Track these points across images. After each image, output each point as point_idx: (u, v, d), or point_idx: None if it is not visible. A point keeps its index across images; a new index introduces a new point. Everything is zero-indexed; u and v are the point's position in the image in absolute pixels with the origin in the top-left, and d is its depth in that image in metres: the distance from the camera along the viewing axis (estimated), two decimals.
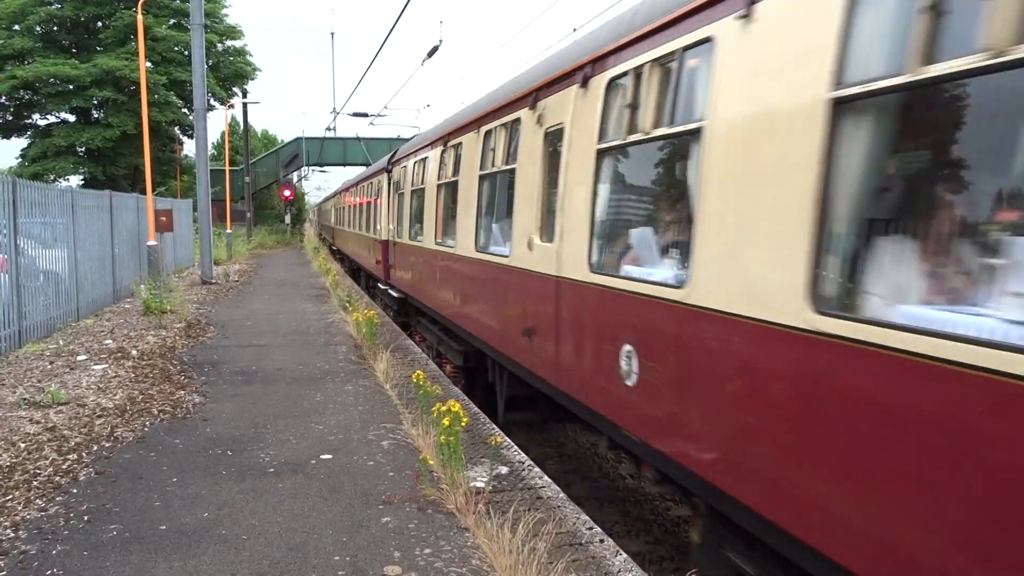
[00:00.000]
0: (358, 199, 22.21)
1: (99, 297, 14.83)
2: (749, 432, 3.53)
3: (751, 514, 3.50)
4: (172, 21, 37.23)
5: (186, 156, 42.75)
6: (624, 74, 4.84)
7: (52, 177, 35.09)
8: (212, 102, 36.44)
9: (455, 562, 4.32)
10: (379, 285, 17.41)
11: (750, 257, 3.55)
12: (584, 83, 5.47)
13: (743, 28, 3.66)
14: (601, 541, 4.63)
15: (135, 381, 8.74)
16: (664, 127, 4.42)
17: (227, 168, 37.24)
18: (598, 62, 5.28)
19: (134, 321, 13.46)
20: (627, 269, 4.93)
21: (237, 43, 41.97)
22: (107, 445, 6.43)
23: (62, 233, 12.81)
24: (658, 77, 4.47)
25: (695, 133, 4.03)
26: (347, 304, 14.72)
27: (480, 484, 5.41)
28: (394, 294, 14.80)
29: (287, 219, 53.79)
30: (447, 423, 5.07)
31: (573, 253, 5.53)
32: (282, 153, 50.58)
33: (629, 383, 4.63)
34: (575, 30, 11.85)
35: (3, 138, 38.57)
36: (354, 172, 31.68)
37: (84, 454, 6.16)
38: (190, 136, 37.43)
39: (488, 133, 7.92)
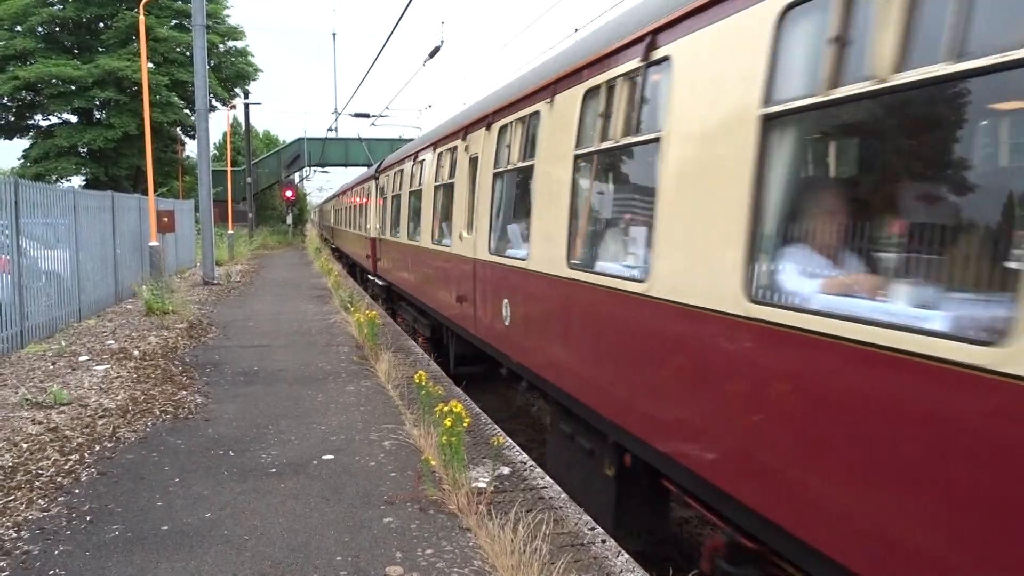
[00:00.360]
0: (353, 201, 24.82)
1: (101, 298, 14.85)
2: (571, 346, 5.70)
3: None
4: (174, 22, 37.28)
5: (188, 157, 42.82)
6: (507, 124, 7.43)
7: (54, 178, 35.16)
8: (214, 103, 36.48)
9: (457, 563, 4.32)
10: (369, 276, 19.97)
11: (546, 235, 6.15)
12: (488, 127, 8.02)
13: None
14: (603, 541, 4.63)
15: (137, 381, 8.75)
16: (522, 162, 6.99)
17: (229, 169, 37.26)
18: (492, 115, 7.89)
19: (136, 322, 13.47)
20: (508, 251, 7.39)
21: (239, 44, 42.08)
22: (109, 445, 6.44)
23: (64, 234, 12.82)
24: (520, 128, 7.02)
25: (531, 168, 6.61)
26: (349, 305, 14.73)
27: (482, 484, 5.41)
28: (380, 283, 17.56)
29: (289, 220, 53.84)
30: (449, 424, 5.07)
31: (482, 241, 8.03)
32: (284, 154, 50.62)
33: (506, 323, 7.23)
34: (576, 30, 11.89)
35: (5, 139, 38.65)
36: (356, 173, 31.73)
37: (86, 454, 6.17)
38: (192, 137, 37.52)
39: (440, 154, 10.52)
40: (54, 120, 37.96)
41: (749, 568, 3.86)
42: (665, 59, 4.36)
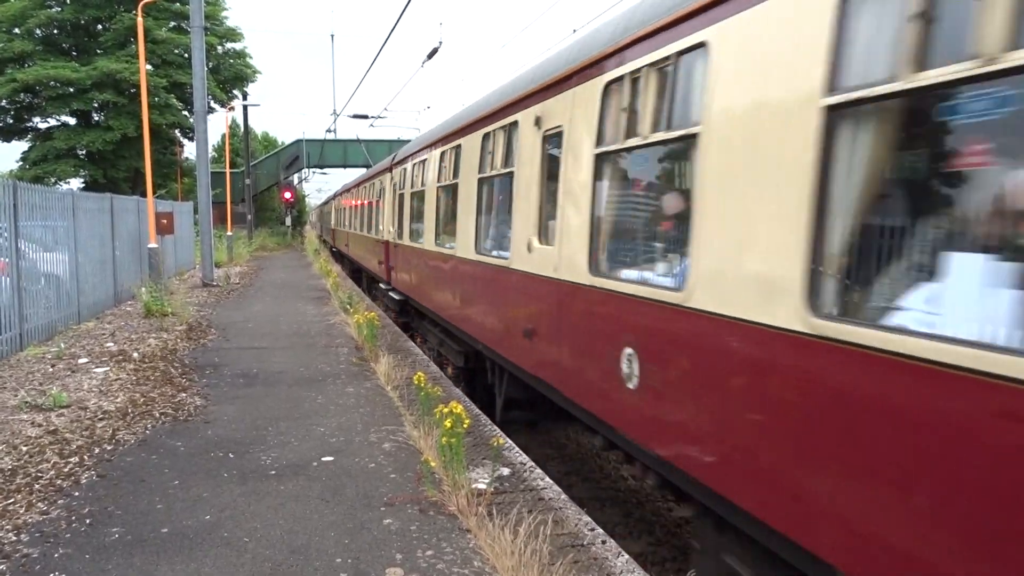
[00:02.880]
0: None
1: (100, 300, 14.84)
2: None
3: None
4: (172, 24, 37.27)
5: (187, 158, 42.76)
6: (488, 133, 7.93)
7: (53, 180, 35.15)
8: (212, 104, 36.44)
9: (457, 563, 4.32)
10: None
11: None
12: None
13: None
14: (603, 542, 4.63)
15: (136, 384, 8.74)
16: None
17: (228, 170, 37.23)
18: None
19: (135, 324, 13.47)
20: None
21: (237, 45, 42.07)
22: (109, 448, 6.43)
23: (63, 236, 12.81)
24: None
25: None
26: (348, 306, 14.72)
27: (482, 486, 5.41)
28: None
29: (288, 221, 53.82)
30: (449, 425, 5.07)
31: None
32: (282, 155, 50.59)
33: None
34: (575, 31, 11.87)
35: (4, 141, 38.60)
36: (354, 174, 31.71)
37: (86, 457, 6.16)
38: (190, 138, 37.47)
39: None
40: (52, 122, 37.94)
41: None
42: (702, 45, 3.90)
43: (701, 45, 4.00)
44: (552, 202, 6.02)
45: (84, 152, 36.73)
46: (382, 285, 17.02)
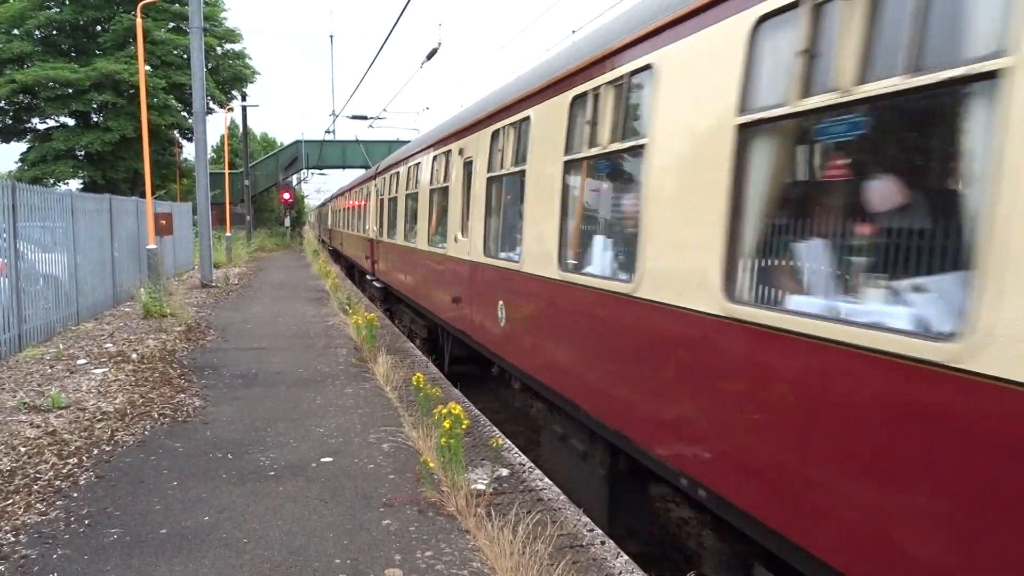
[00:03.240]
0: (351, 203, 24.96)
1: (99, 301, 14.83)
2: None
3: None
4: (171, 25, 37.23)
5: (185, 159, 42.75)
6: (435, 156, 10.54)
7: (51, 181, 35.10)
8: (211, 105, 36.35)
9: (456, 564, 4.32)
10: (367, 278, 20.08)
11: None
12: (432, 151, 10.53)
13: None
14: (602, 543, 4.63)
15: (135, 385, 8.73)
16: (438, 184, 10.14)
17: (226, 171, 37.23)
18: (421, 151, 11.08)
19: (134, 325, 13.46)
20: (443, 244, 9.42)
21: (236, 46, 41.99)
22: (107, 449, 6.43)
23: (62, 237, 12.80)
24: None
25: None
26: (347, 307, 14.72)
27: (481, 486, 5.41)
28: (377, 284, 17.72)
29: (286, 222, 53.81)
30: (448, 426, 5.07)
31: (423, 236, 11.05)
32: (281, 156, 50.58)
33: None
34: (574, 31, 11.91)
35: (2, 142, 38.53)
36: (353, 175, 31.78)
37: (84, 458, 6.16)
38: (189, 139, 37.46)
39: (445, 155, 10.61)
40: (51, 123, 37.85)
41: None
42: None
43: (525, 119, 6.76)
44: (468, 207, 8.68)
45: (83, 153, 36.68)
46: (368, 277, 19.53)
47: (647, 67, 4.56)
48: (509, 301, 7.12)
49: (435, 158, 10.79)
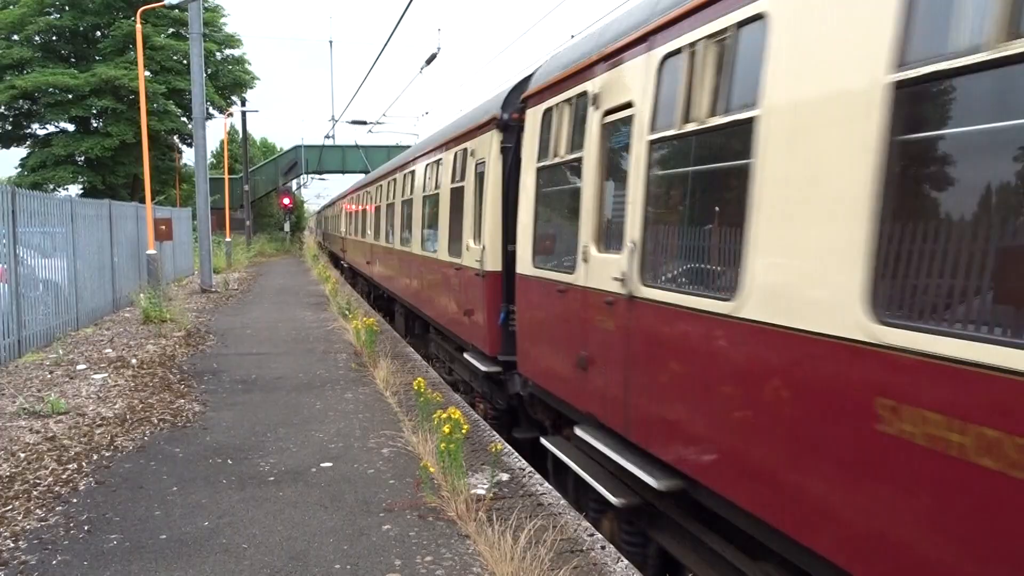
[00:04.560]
0: (337, 212, 31.83)
1: (99, 306, 14.83)
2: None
3: None
4: (171, 30, 37.27)
5: (185, 165, 42.78)
6: (393, 179, 15.40)
7: (51, 186, 35.07)
8: (211, 111, 36.37)
9: (456, 570, 4.31)
10: (341, 263, 29.04)
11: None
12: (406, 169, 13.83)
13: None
14: (603, 547, 4.62)
15: (135, 390, 8.73)
16: (429, 190, 11.53)
17: (226, 176, 37.29)
18: (384, 176, 16.82)
19: (134, 330, 13.46)
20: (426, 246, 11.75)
21: (236, 52, 42.05)
22: (107, 454, 6.42)
23: (61, 242, 12.81)
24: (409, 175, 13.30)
25: (409, 201, 13.52)
26: (346, 312, 14.72)
27: (481, 491, 5.41)
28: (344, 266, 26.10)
29: (286, 227, 53.83)
30: (447, 430, 5.06)
31: (380, 236, 16.16)
32: (281, 161, 50.66)
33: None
34: (572, 36, 11.92)
35: (2, 148, 38.59)
36: (353, 180, 31.97)
37: (84, 463, 6.15)
38: (189, 145, 37.52)
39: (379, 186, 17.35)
40: (51, 129, 37.90)
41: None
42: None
43: (438, 162, 10.48)
44: (410, 215, 12.86)
45: (83, 158, 36.69)
46: (342, 263, 28.84)
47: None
48: (424, 278, 12.12)
49: (391, 182, 16.16)
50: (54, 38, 37.38)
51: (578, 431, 5.51)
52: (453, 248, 9.52)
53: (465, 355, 8.96)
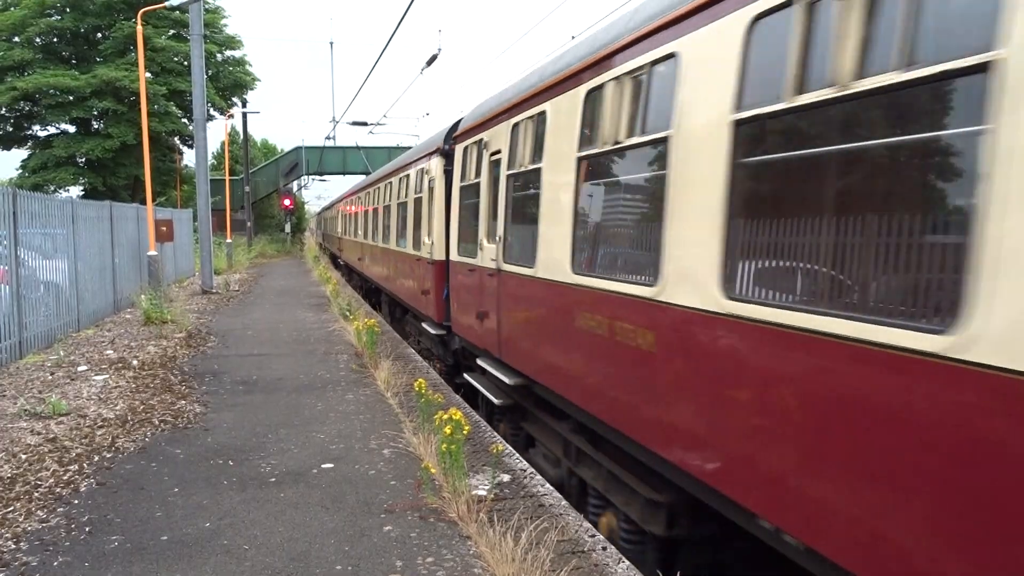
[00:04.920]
0: (334, 215, 35.24)
1: (100, 308, 14.83)
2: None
3: None
4: (172, 32, 37.29)
5: (186, 166, 42.81)
6: (373, 190, 19.04)
7: (52, 188, 35.11)
8: (212, 112, 36.45)
9: (457, 571, 4.31)
10: (339, 261, 31.39)
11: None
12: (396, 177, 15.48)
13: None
14: (604, 549, 4.62)
15: (136, 391, 8.73)
16: (400, 198, 14.23)
17: (227, 178, 37.29)
18: (366, 187, 21.23)
19: (135, 331, 13.46)
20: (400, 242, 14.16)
21: (236, 53, 42.07)
22: (108, 456, 6.42)
23: (62, 244, 12.82)
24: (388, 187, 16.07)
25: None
26: (347, 313, 14.72)
27: (482, 492, 5.41)
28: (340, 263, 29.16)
29: (287, 228, 53.86)
30: (449, 431, 5.06)
31: (369, 235, 19.54)
32: (282, 162, 50.68)
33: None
34: (573, 38, 11.92)
35: (3, 149, 38.61)
36: (354, 181, 32.08)
37: (85, 465, 6.16)
38: (190, 146, 37.49)
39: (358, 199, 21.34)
40: (52, 130, 37.93)
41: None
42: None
43: (407, 176, 13.55)
44: (387, 219, 15.29)
45: (83, 160, 36.72)
46: (339, 260, 31.19)
47: (542, 113, 6.12)
48: (388, 263, 12.92)
49: (367, 193, 20.53)
50: (55, 40, 37.39)
51: (479, 360, 8.26)
52: (415, 243, 12.29)
53: (423, 324, 11.90)
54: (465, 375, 9.06)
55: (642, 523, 4.82)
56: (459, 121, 10.17)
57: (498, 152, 7.59)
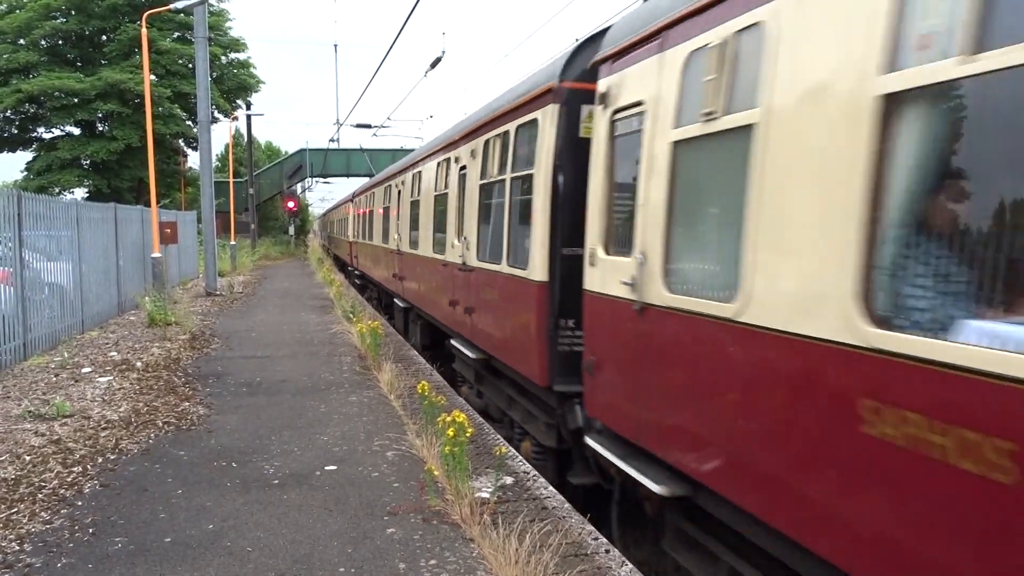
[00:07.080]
0: (338, 218, 35.87)
1: (104, 309, 14.86)
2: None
3: None
4: (176, 34, 37.46)
5: (190, 168, 42.92)
6: (360, 199, 23.29)
7: (57, 190, 35.24)
8: (216, 114, 36.57)
9: (460, 573, 4.30)
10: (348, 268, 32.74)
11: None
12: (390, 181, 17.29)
13: None
14: (607, 551, 4.62)
15: (140, 393, 8.74)
16: (368, 207, 20.97)
17: (231, 180, 37.37)
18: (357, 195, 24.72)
19: (139, 333, 13.49)
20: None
21: (241, 56, 42.26)
22: (112, 457, 6.43)
23: (67, 246, 12.85)
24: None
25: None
26: (351, 315, 14.73)
27: (485, 495, 5.40)
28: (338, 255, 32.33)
29: (291, 230, 53.94)
30: (452, 434, 5.06)
31: (366, 235, 21.40)
32: (286, 164, 50.76)
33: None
34: (577, 40, 11.92)
35: (8, 151, 38.78)
36: (358, 183, 32.09)
37: (89, 466, 6.16)
38: (194, 148, 37.68)
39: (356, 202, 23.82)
40: (57, 133, 38.10)
41: None
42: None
43: (419, 174, 13.49)
44: (379, 224, 17.85)
45: (88, 162, 36.86)
46: (353, 271, 32.08)
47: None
48: (378, 258, 15.65)
49: (355, 202, 25.58)
50: (60, 42, 37.57)
51: (452, 341, 9.70)
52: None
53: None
54: (452, 354, 10.00)
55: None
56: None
57: (464, 167, 6.58)
